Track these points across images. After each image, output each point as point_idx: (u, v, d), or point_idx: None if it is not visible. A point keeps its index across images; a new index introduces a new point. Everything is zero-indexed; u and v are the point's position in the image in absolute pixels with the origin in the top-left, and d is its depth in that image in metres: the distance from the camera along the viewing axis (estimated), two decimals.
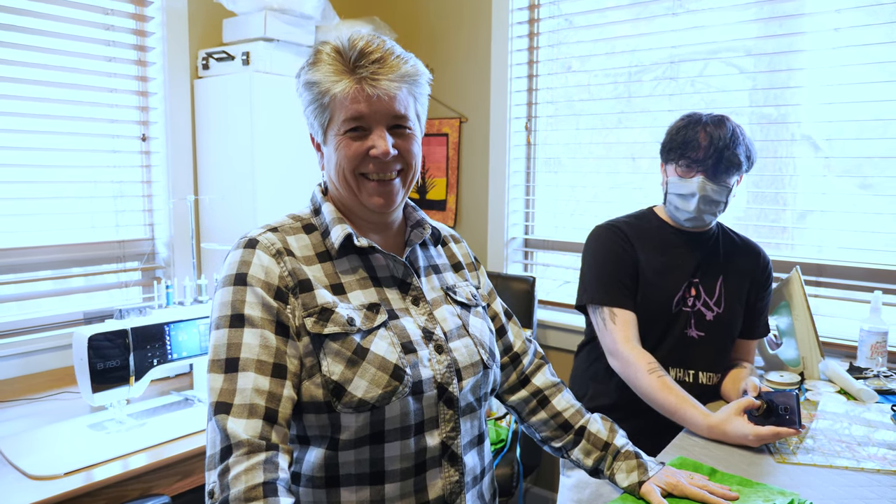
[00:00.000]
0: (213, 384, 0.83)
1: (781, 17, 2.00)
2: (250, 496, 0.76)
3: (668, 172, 1.51)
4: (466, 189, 2.71)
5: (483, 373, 1.00)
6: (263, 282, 0.87)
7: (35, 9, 1.96)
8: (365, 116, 0.90)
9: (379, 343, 0.89)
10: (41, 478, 1.38)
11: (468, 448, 0.99)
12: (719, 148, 1.41)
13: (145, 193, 2.27)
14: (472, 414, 0.99)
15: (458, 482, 0.95)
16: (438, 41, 2.73)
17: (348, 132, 0.91)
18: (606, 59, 2.36)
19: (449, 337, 0.97)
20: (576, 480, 1.48)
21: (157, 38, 2.22)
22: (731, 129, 1.43)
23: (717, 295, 1.53)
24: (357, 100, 0.89)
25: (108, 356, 1.61)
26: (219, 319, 0.87)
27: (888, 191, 1.90)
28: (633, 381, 1.41)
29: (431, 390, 0.92)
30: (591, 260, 1.55)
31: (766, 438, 1.22)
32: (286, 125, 2.23)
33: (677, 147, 1.46)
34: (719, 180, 1.44)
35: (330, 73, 0.90)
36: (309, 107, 0.94)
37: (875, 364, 1.68)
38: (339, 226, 0.94)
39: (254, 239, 0.91)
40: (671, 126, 1.51)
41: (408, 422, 0.90)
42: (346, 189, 0.95)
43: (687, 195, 1.47)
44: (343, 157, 0.92)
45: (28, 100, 1.98)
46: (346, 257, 0.95)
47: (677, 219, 1.54)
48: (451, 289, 1.05)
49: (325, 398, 0.87)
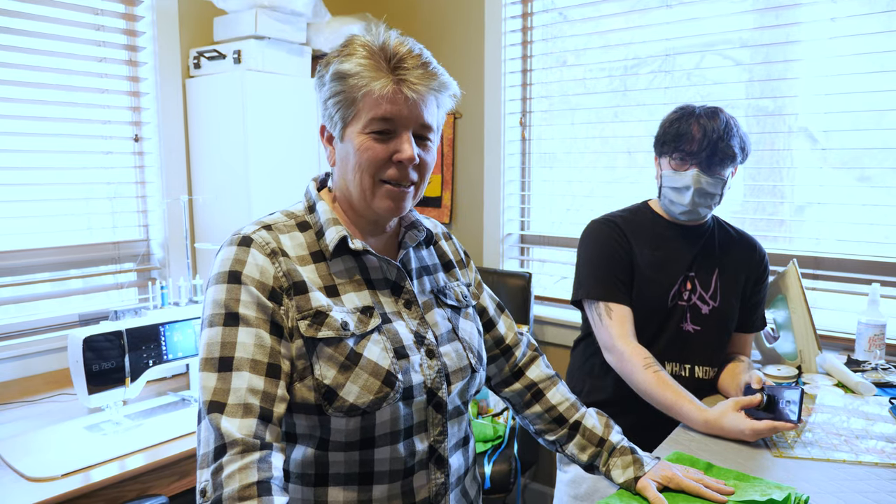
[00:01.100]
0: (205, 383, 0.82)
1: (777, 7, 1.99)
2: (244, 495, 0.75)
3: (662, 166, 1.51)
4: (462, 185, 2.70)
5: (471, 376, 1.00)
6: (258, 281, 0.86)
7: (25, 10, 1.95)
8: (395, 119, 0.88)
9: (372, 348, 0.88)
10: (39, 479, 1.38)
11: (454, 450, 0.99)
12: (713, 140, 1.40)
13: (139, 194, 2.26)
14: (458, 417, 1.00)
15: (444, 484, 0.96)
16: (431, 36, 2.71)
17: (373, 133, 0.88)
18: (601, 53, 2.35)
19: (440, 341, 0.97)
20: (573, 475, 1.48)
21: (147, 37, 2.21)
22: (724, 120, 1.43)
23: (712, 288, 1.52)
24: (393, 101, 0.87)
25: (103, 357, 1.61)
26: (212, 317, 0.85)
27: (886, 182, 1.89)
28: (630, 377, 1.41)
29: (421, 395, 0.91)
30: (587, 255, 1.54)
31: (762, 433, 1.22)
32: (279, 123, 2.22)
33: (671, 140, 1.45)
34: (714, 172, 1.43)
35: (369, 69, 0.88)
36: (333, 98, 0.90)
37: (873, 357, 1.68)
38: (333, 227, 0.93)
39: (248, 237, 0.89)
40: (664, 119, 1.51)
41: (397, 426, 0.90)
42: (358, 189, 0.92)
43: (681, 188, 1.46)
44: (366, 158, 0.89)
45: (19, 102, 1.97)
46: (340, 258, 0.94)
47: (672, 212, 1.53)
48: (442, 291, 1.04)
49: (316, 401, 0.86)
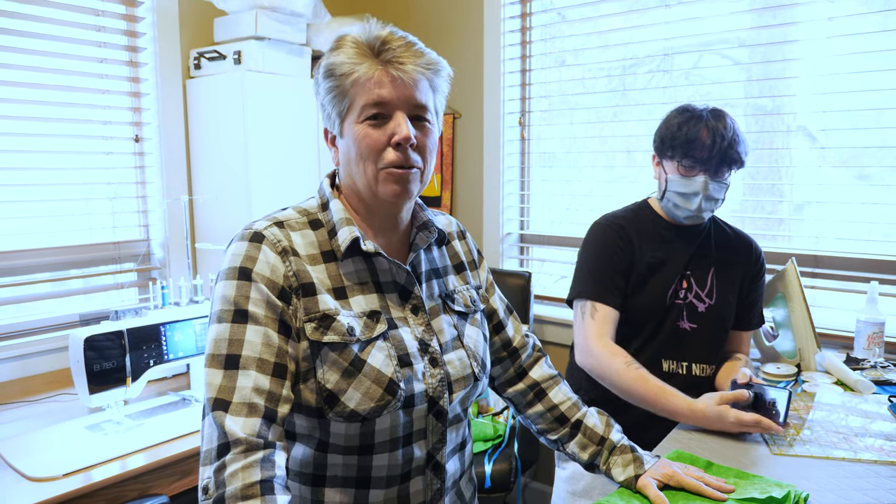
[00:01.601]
0: (211, 379, 0.81)
1: (775, 7, 1.99)
2: (247, 493, 0.75)
3: (668, 169, 1.48)
4: (461, 185, 2.70)
5: (473, 385, 0.99)
6: (268, 279, 0.85)
7: (26, 11, 1.95)
8: (387, 101, 0.87)
9: (376, 355, 0.88)
10: (40, 479, 1.39)
11: (451, 455, 0.99)
12: (723, 148, 1.39)
13: (139, 194, 2.27)
14: (458, 424, 1.00)
15: (439, 489, 0.97)
16: (430, 37, 2.72)
17: (368, 119, 0.88)
18: (600, 53, 2.35)
19: (444, 349, 0.96)
20: (570, 472, 1.48)
21: (148, 38, 2.21)
22: (731, 125, 1.42)
23: (708, 286, 1.53)
24: (381, 83, 0.86)
25: (104, 357, 1.61)
26: (221, 313, 0.84)
27: (885, 181, 1.90)
28: (610, 377, 1.40)
29: (422, 404, 0.91)
30: (586, 256, 1.54)
31: (747, 425, 1.21)
32: (279, 123, 2.22)
33: (680, 145, 1.43)
34: (721, 178, 1.44)
35: (353, 56, 0.88)
36: (328, 95, 0.90)
37: (872, 355, 1.68)
38: (346, 227, 0.91)
39: (259, 233, 0.88)
40: (668, 120, 1.48)
41: (397, 434, 0.90)
42: (363, 179, 0.90)
43: (689, 194, 1.44)
44: (365, 146, 0.88)
45: (20, 102, 1.97)
46: (350, 259, 0.92)
47: (676, 216, 1.52)
48: (450, 296, 1.03)
49: (317, 404, 0.86)
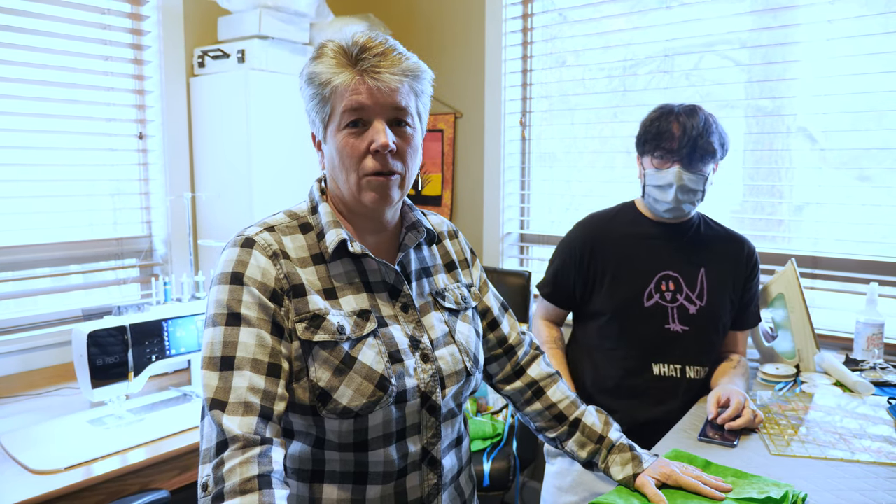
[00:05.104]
0: (207, 381, 0.84)
1: (775, 8, 2.00)
2: (245, 488, 0.76)
3: (645, 164, 1.53)
4: (462, 184, 2.71)
5: (466, 380, 1.00)
6: (260, 283, 0.87)
7: (32, 9, 1.97)
8: (365, 107, 0.88)
9: (367, 352, 0.89)
10: (42, 472, 1.40)
11: (447, 451, 1.00)
12: (693, 137, 1.43)
13: (142, 191, 2.28)
14: (452, 419, 1.01)
15: (437, 484, 0.97)
16: (433, 37, 2.73)
17: (348, 127, 0.89)
18: (601, 53, 2.36)
19: (435, 345, 0.97)
20: (558, 468, 1.50)
21: (152, 36, 2.23)
22: (703, 117, 1.45)
23: (698, 288, 1.53)
24: (358, 91, 0.88)
25: (107, 352, 1.62)
26: (214, 317, 0.86)
27: (885, 182, 1.90)
28: None
29: (415, 399, 0.92)
30: (554, 251, 1.69)
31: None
32: (282, 122, 2.23)
33: (652, 139, 1.49)
34: (695, 169, 1.46)
35: (332, 66, 0.89)
36: (311, 102, 0.93)
37: (871, 356, 1.68)
38: (334, 230, 0.93)
39: (251, 238, 0.91)
40: (644, 119, 1.53)
41: (390, 429, 0.91)
42: (346, 186, 0.93)
43: (664, 186, 1.48)
44: (346, 154, 0.90)
45: (25, 99, 1.98)
46: (339, 260, 0.94)
47: (657, 210, 1.55)
48: (441, 293, 1.04)
49: (310, 402, 0.88)
